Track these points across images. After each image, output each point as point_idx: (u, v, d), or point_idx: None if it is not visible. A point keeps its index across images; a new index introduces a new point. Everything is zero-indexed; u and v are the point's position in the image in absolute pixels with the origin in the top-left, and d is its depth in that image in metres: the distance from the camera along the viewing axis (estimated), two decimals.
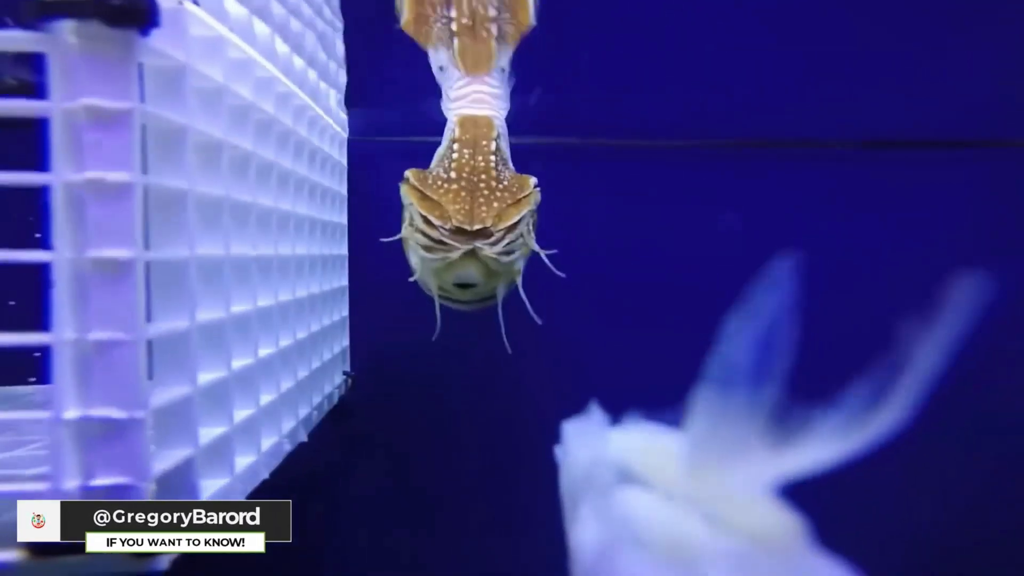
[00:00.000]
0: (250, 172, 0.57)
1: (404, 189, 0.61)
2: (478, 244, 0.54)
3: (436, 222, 0.55)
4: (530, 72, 0.79)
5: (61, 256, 0.34)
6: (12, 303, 0.77)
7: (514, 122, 0.74)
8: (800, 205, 0.97)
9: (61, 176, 0.34)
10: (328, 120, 0.87)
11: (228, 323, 0.50)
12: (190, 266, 0.44)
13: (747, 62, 0.96)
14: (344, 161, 0.97)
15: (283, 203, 0.66)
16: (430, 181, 0.59)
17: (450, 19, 0.70)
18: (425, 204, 0.57)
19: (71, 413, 0.34)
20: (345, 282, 0.96)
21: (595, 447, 0.27)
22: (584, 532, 0.24)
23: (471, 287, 0.60)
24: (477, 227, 0.54)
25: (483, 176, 0.59)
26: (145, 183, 0.37)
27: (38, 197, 0.36)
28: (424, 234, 0.57)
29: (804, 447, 0.20)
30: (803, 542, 0.21)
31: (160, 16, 0.36)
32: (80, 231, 0.35)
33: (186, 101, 0.43)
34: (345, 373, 0.92)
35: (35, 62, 0.37)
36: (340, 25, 0.92)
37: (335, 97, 0.90)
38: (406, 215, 0.62)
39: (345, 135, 0.97)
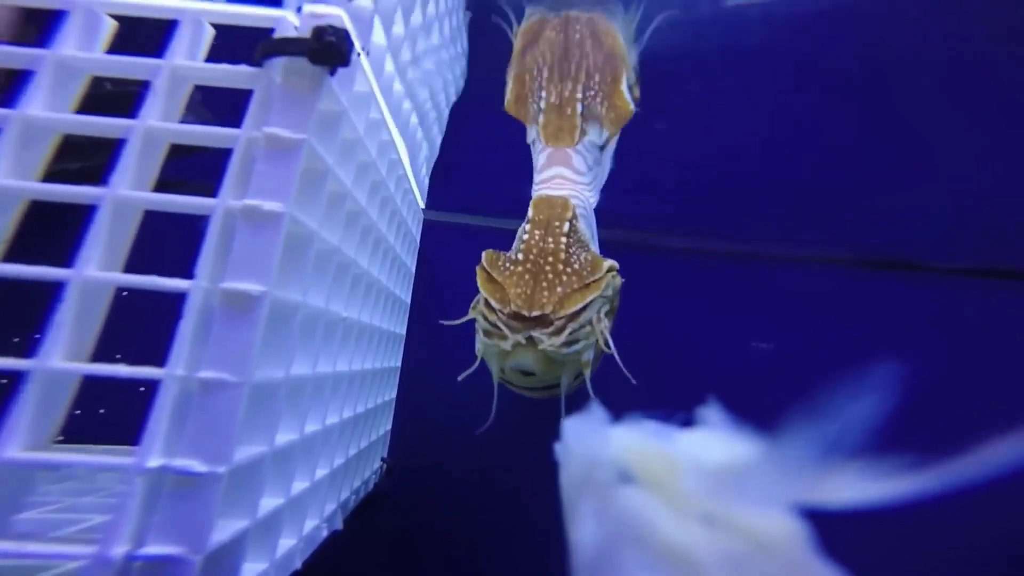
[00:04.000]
0: (358, 230, 0.55)
1: (477, 270, 0.58)
2: (536, 334, 0.50)
3: (495, 305, 0.52)
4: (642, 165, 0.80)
5: (198, 285, 0.31)
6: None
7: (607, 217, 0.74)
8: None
9: (224, 202, 0.32)
10: (416, 192, 0.88)
11: (309, 384, 0.46)
12: (297, 316, 0.40)
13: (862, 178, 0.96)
14: (418, 237, 0.96)
15: (374, 266, 0.64)
16: (500, 263, 0.57)
17: (541, 99, 0.73)
18: (489, 287, 0.54)
19: (155, 461, 0.30)
20: (398, 363, 0.92)
21: (595, 445, 0.26)
22: (584, 532, 0.23)
23: (531, 375, 0.54)
24: (535, 314, 0.50)
25: (550, 259, 0.55)
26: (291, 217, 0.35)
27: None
28: (484, 317, 0.53)
29: (832, 485, 0.20)
30: (805, 547, 0.20)
31: (349, 58, 0.36)
32: (221, 261, 0.32)
33: (336, 146, 0.42)
34: (382, 459, 0.85)
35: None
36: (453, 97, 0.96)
37: (424, 170, 0.91)
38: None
39: (423, 210, 0.97)
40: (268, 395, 0.37)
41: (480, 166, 1.04)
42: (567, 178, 0.69)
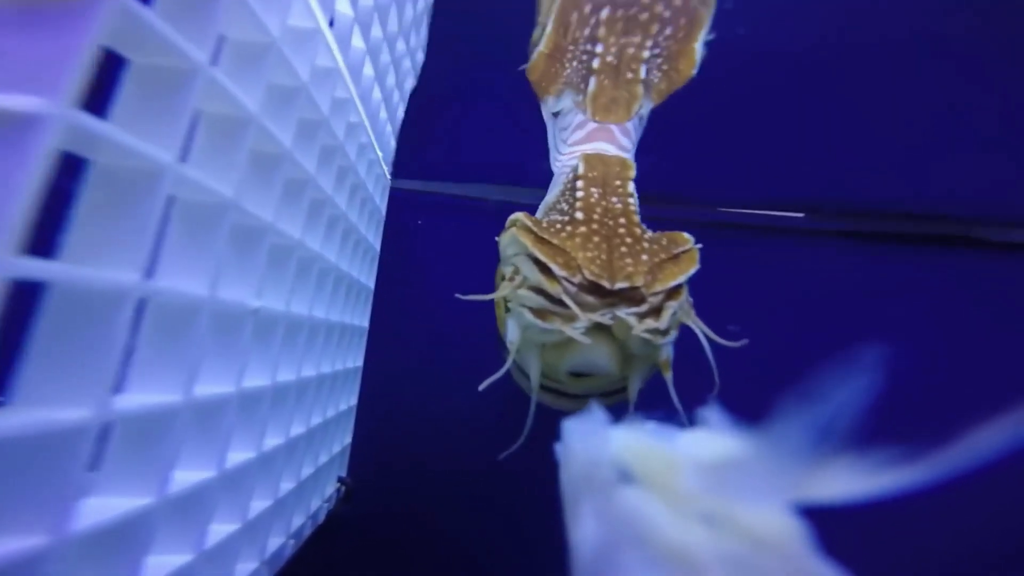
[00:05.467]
0: (278, 184, 0.38)
1: (511, 234, 0.41)
2: (623, 313, 0.34)
3: (559, 272, 0.36)
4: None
5: None
6: None
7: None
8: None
9: None
10: (381, 163, 0.71)
11: (185, 410, 0.30)
12: (124, 306, 0.24)
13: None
14: (383, 209, 0.80)
15: (312, 237, 0.47)
16: (544, 224, 0.40)
17: (593, 55, 0.53)
18: (544, 248, 0.37)
19: None
20: (360, 362, 0.76)
21: (596, 446, 0.25)
22: (584, 532, 0.22)
23: (589, 377, 0.39)
24: (620, 286, 0.35)
25: (622, 220, 0.40)
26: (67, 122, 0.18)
27: None
28: (538, 291, 0.37)
29: (826, 479, 0.20)
30: (805, 546, 0.20)
31: None
32: None
33: (208, 40, 0.26)
34: (340, 480, 0.70)
35: None
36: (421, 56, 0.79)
37: (389, 126, 0.75)
38: (506, 271, 0.42)
39: (388, 179, 0.81)
40: (60, 444, 0.21)
41: (461, 126, 0.88)
42: (615, 145, 0.52)
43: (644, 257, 0.37)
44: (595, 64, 0.52)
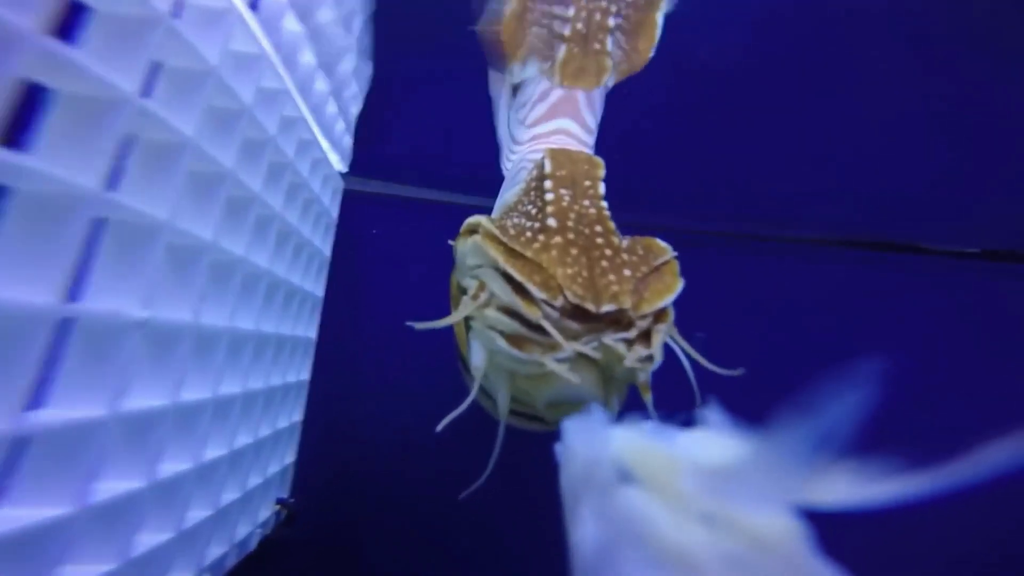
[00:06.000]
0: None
1: (473, 242, 0.36)
2: (610, 341, 0.31)
3: (538, 294, 0.31)
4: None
5: None
6: None
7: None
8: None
9: None
10: (330, 163, 0.67)
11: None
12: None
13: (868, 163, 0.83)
14: (335, 212, 0.75)
15: (233, 240, 0.43)
16: (512, 231, 0.35)
17: (565, 20, 0.49)
18: (518, 264, 0.33)
19: None
20: (306, 376, 0.71)
21: (596, 446, 0.25)
22: (584, 531, 0.22)
23: (568, 405, 0.34)
24: (608, 308, 0.31)
25: (598, 228, 0.36)
26: None
27: None
28: (514, 314, 0.32)
29: (827, 485, 0.20)
30: (806, 547, 0.20)
31: None
32: None
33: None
34: (280, 502, 0.64)
35: None
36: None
37: (345, 136, 0.70)
38: (466, 284, 0.37)
39: (341, 180, 0.76)
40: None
41: (421, 126, 0.84)
42: (574, 136, 0.49)
43: (627, 272, 0.33)
44: (566, 31, 0.50)
